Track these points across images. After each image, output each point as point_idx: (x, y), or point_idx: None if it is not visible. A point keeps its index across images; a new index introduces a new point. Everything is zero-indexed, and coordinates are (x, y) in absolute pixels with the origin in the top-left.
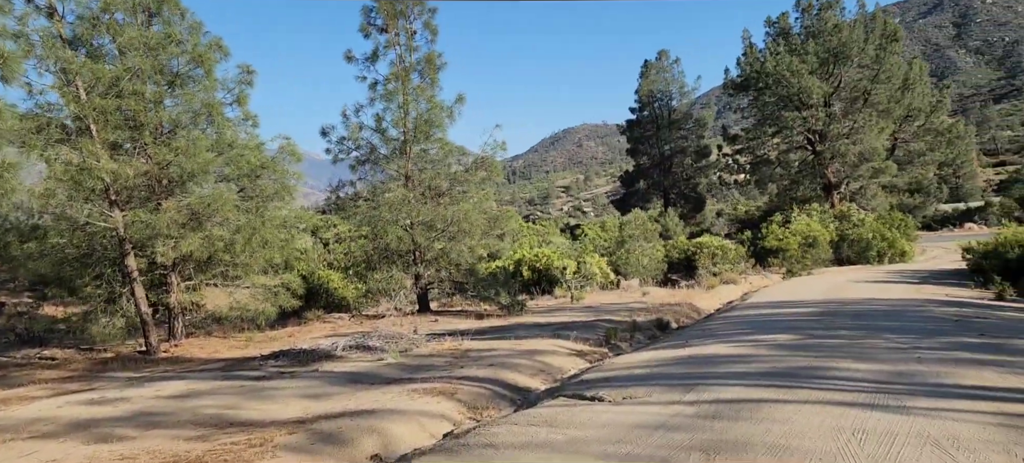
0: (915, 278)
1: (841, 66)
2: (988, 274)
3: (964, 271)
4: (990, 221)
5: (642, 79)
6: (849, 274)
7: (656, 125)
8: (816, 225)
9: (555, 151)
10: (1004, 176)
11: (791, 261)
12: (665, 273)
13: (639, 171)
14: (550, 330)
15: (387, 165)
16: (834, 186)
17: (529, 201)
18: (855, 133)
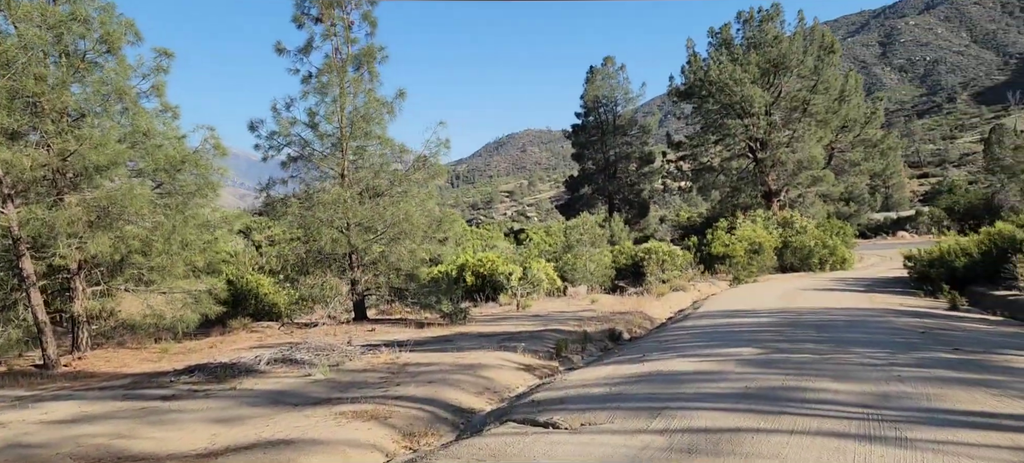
0: (860, 286)
1: (781, 76)
2: (936, 283)
3: (906, 279)
4: (920, 230)
5: (587, 84)
6: (795, 281)
7: (601, 130)
8: (761, 231)
9: (499, 156)
10: (927, 187)
11: (738, 268)
12: (613, 280)
13: (584, 176)
14: (496, 341)
15: (322, 163)
16: (774, 193)
17: (473, 205)
18: (795, 142)
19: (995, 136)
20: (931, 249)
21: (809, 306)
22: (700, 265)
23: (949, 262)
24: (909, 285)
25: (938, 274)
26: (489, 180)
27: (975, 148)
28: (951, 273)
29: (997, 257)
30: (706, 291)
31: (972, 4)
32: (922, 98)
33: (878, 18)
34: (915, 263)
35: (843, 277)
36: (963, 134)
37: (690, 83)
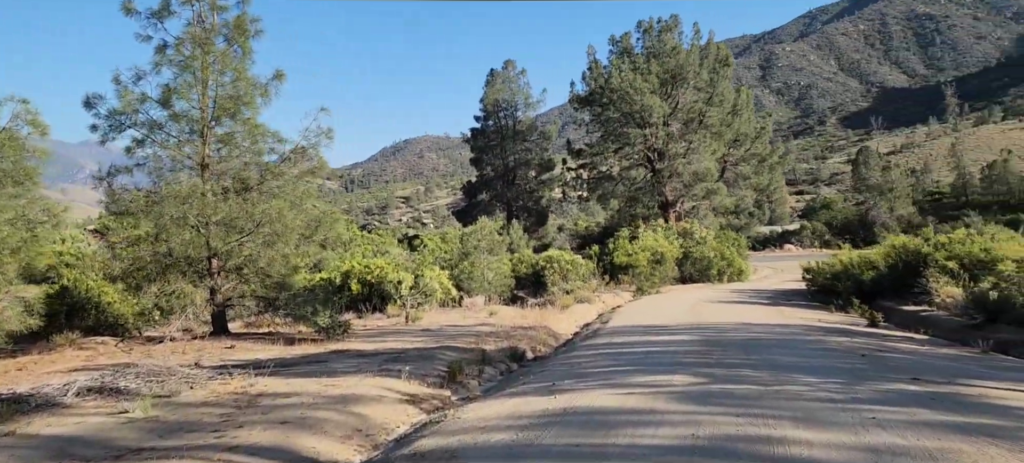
0: (764, 298)
1: (679, 88)
2: (845, 296)
3: (805, 291)
4: (804, 243)
5: (487, 87)
6: (698, 293)
7: (501, 135)
8: (663, 242)
9: (396, 161)
10: (803, 204)
11: (641, 278)
12: (512, 290)
13: (482, 182)
14: (378, 362)
15: (177, 149)
16: (671, 204)
17: (367, 211)
18: (691, 153)
19: (862, 157)
20: (832, 261)
21: (725, 321)
22: (603, 275)
23: (856, 275)
24: (810, 298)
25: (846, 287)
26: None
27: (843, 168)
28: (858, 286)
29: (903, 271)
30: (611, 302)
31: (840, 35)
32: (797, 120)
33: (759, 43)
34: (815, 275)
35: (743, 289)
36: (833, 155)
37: (591, 90)
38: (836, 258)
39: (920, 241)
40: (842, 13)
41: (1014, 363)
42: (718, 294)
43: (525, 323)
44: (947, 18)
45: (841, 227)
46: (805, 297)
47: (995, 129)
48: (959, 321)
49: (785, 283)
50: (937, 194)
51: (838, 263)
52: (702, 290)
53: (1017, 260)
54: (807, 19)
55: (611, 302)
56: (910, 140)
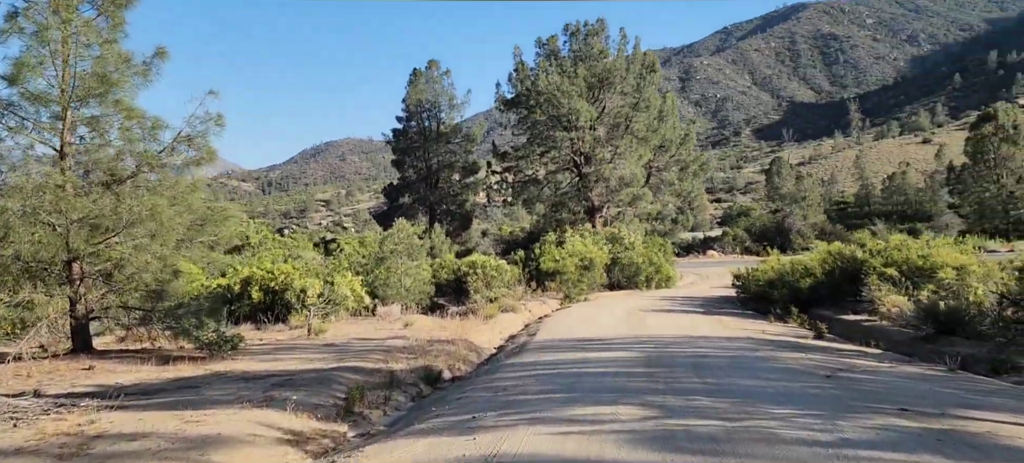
0: (697, 306)
1: (606, 92)
2: (783, 305)
3: (735, 298)
4: (726, 249)
5: (410, 87)
6: (629, 300)
7: (424, 137)
8: (591, 247)
9: (316, 164)
10: (721, 211)
11: (569, 285)
12: (432, 297)
13: (404, 184)
14: (263, 387)
15: (31, 133)
16: (597, 209)
17: (285, 214)
18: (618, 158)
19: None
20: (764, 268)
21: (664, 333)
22: (530, 282)
23: (792, 283)
24: (743, 306)
25: (782, 295)
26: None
27: (758, 178)
28: (794, 295)
29: (840, 278)
30: (538, 311)
31: (753, 51)
32: (714, 131)
33: (678, 55)
34: (746, 283)
35: (673, 296)
36: (747, 165)
37: (518, 92)
38: (767, 264)
39: (855, 247)
40: (755, 30)
41: (995, 385)
42: (650, 302)
43: (444, 335)
44: (849, 39)
45: (759, 234)
46: (737, 305)
47: (893, 143)
48: (908, 333)
49: (714, 289)
50: (843, 203)
51: (771, 270)
52: (632, 297)
53: (957, 267)
54: (723, 35)
55: (538, 311)
56: (818, 152)
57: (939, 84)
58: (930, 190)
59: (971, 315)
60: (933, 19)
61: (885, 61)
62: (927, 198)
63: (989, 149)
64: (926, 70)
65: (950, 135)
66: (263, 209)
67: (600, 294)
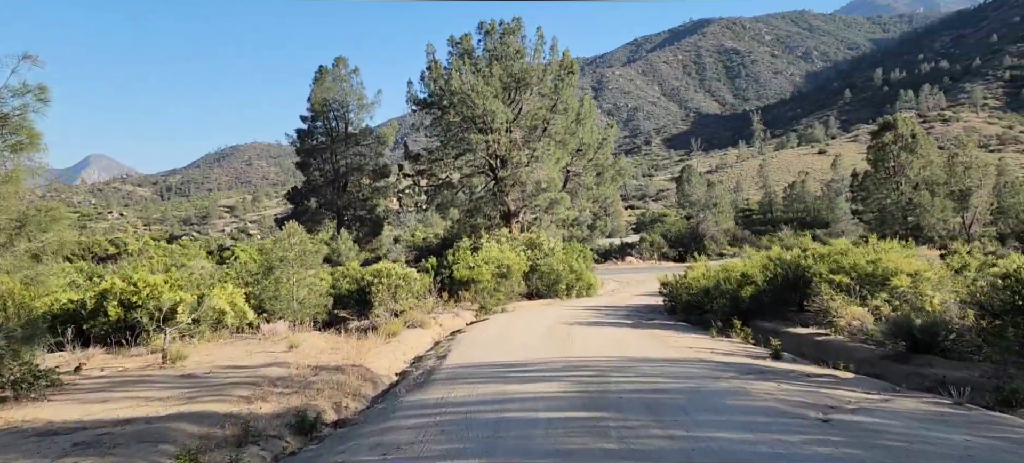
0: (624, 317)
1: (523, 93)
2: (722, 317)
3: (661, 307)
4: (644, 255)
5: (316, 85)
6: (550, 311)
7: (331, 138)
8: (509, 253)
9: (220, 169)
10: (634, 218)
11: (484, 295)
12: (331, 310)
13: (310, 188)
14: (55, 454)
15: None
16: (513, 214)
17: (184, 221)
18: (534, 161)
19: (685, 175)
20: (696, 275)
21: (599, 355)
22: (442, 292)
23: (732, 292)
24: (671, 315)
25: (721, 306)
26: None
27: (668, 185)
28: (734, 305)
29: (782, 286)
30: (450, 325)
31: (662, 63)
32: (626, 139)
33: (591, 65)
34: (675, 291)
35: (597, 305)
36: (658, 173)
37: (431, 92)
38: (696, 271)
39: (797, 253)
40: (664, 43)
41: None
42: (573, 312)
43: (334, 360)
44: (750, 54)
45: (675, 239)
46: (666, 314)
47: (793, 153)
48: (870, 350)
49: (638, 297)
50: (748, 211)
51: (702, 277)
52: (554, 307)
53: (911, 274)
54: (633, 47)
55: (450, 324)
56: (724, 161)
57: (831, 99)
58: (827, 198)
59: (951, 330)
60: (824, 38)
61: (783, 76)
62: (824, 206)
63: (889, 157)
64: (819, 85)
65: (843, 146)
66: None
67: (518, 304)
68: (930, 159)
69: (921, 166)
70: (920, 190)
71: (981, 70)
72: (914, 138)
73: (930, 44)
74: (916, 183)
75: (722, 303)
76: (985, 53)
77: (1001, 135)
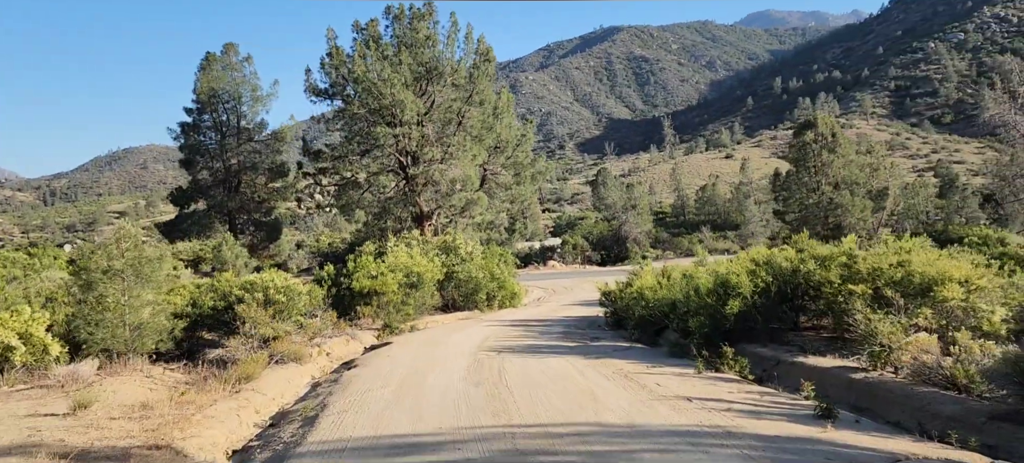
0: (560, 334)
1: (435, 84)
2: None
3: (601, 320)
4: (567, 259)
5: (202, 73)
6: (471, 330)
7: (220, 133)
8: (420, 259)
9: (112, 172)
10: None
11: (390, 309)
12: (183, 337)
13: (197, 188)
14: None
15: None
16: (426, 216)
17: (68, 227)
18: (449, 159)
19: (601, 178)
20: (648, 284)
21: (556, 423)
22: (339, 305)
23: (711, 307)
24: (615, 330)
25: (698, 325)
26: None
27: (583, 189)
28: (715, 323)
29: (777, 298)
30: (342, 353)
31: (574, 69)
32: (540, 144)
33: (504, 70)
34: (624, 303)
35: (525, 319)
36: (572, 177)
37: (332, 80)
38: (645, 280)
39: (792, 255)
40: (575, 49)
41: None
42: (499, 331)
43: (126, 437)
44: (658, 61)
45: (596, 242)
46: (609, 329)
47: (702, 157)
48: (959, 402)
49: (569, 307)
50: (661, 213)
51: (661, 286)
52: (474, 324)
53: (962, 282)
54: (546, 52)
55: (342, 352)
56: (636, 165)
57: (735, 106)
58: (737, 200)
59: None
60: (726, 48)
61: (689, 84)
62: (734, 208)
63: (810, 156)
64: (723, 93)
65: (748, 151)
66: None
67: (431, 319)
68: (849, 158)
69: (841, 165)
70: (841, 190)
71: (869, 80)
72: (834, 137)
73: (822, 55)
74: (836, 182)
75: (699, 322)
76: (872, 64)
77: (889, 141)
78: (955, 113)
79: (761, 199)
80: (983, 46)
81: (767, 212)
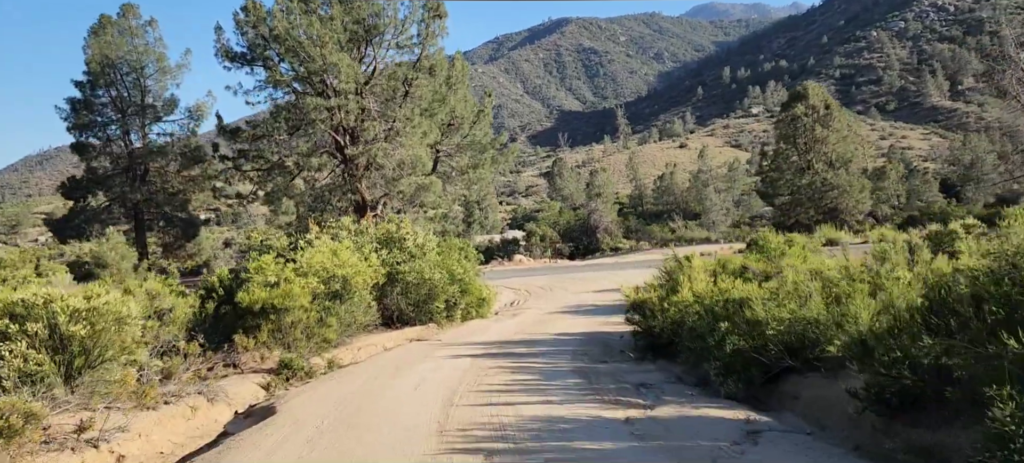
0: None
1: (376, 47)
2: None
3: (613, 339)
4: (535, 252)
5: (93, 38)
6: (423, 366)
7: (121, 112)
8: (347, 255)
9: (44, 172)
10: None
11: (296, 334)
12: None
13: (94, 178)
14: None
15: None
16: (369, 207)
17: None
18: (394, 137)
19: (557, 168)
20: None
21: None
22: (218, 330)
23: (865, 338)
24: (651, 359)
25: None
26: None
27: (537, 181)
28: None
29: None
30: (182, 434)
31: (524, 62)
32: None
33: None
34: (651, 320)
35: (506, 341)
36: (525, 169)
37: (250, 42)
38: (699, 284)
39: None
40: (524, 42)
41: None
42: (473, 368)
43: None
44: (607, 53)
45: (564, 233)
46: (642, 360)
47: (656, 147)
48: None
49: (556, 318)
50: (619, 203)
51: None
52: (431, 352)
53: None
54: (495, 44)
55: (184, 431)
56: (590, 156)
57: (685, 96)
58: (695, 189)
59: None
60: (673, 40)
61: (638, 76)
62: (693, 197)
63: (801, 132)
64: (671, 84)
65: (703, 139)
66: None
67: (366, 342)
68: (844, 134)
69: (836, 141)
70: (837, 169)
71: (814, 69)
72: (828, 109)
73: (768, 45)
74: (830, 160)
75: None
76: (817, 53)
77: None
78: (899, 100)
79: (721, 187)
80: (923, 34)
81: (727, 200)
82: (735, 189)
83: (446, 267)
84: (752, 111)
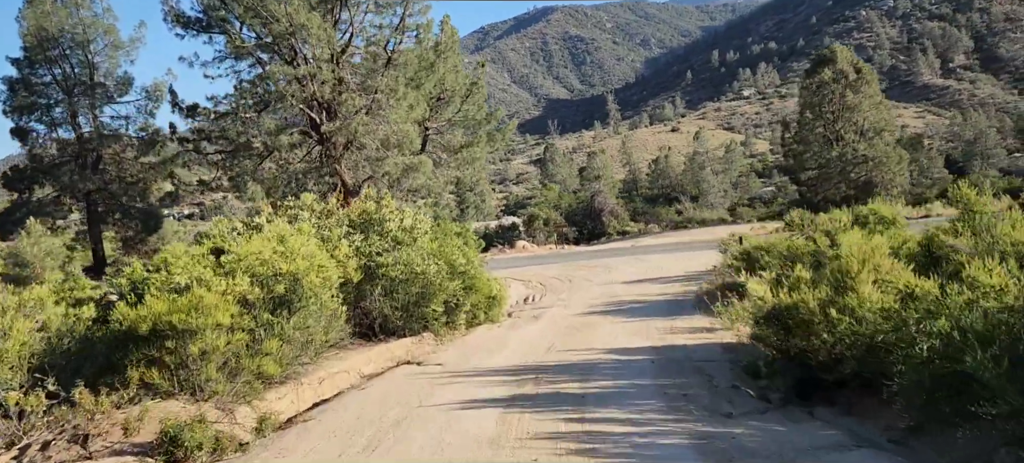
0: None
1: (353, 9)
2: None
3: (698, 356)
4: (538, 237)
5: (27, 8)
6: (421, 436)
7: (66, 92)
8: (300, 242)
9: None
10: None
11: (209, 374)
12: None
13: (39, 167)
14: None
15: None
16: (350, 192)
17: None
18: (376, 110)
19: (548, 154)
20: None
21: None
22: (55, 387)
23: None
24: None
25: None
26: None
27: (527, 168)
28: None
29: None
30: None
31: (510, 51)
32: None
33: None
34: (843, 331)
35: (539, 364)
36: (515, 157)
37: (206, 3)
38: None
39: None
40: (510, 31)
41: None
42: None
43: None
44: (594, 41)
45: (568, 216)
46: (764, 396)
47: (647, 132)
48: None
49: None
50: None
51: None
52: (431, 399)
53: None
54: (481, 34)
55: None
56: (581, 142)
57: (674, 81)
58: (691, 171)
59: None
60: (660, 26)
61: (625, 62)
62: (689, 179)
63: (828, 99)
64: (659, 70)
65: (694, 123)
66: None
67: (330, 373)
68: (878, 100)
69: (868, 108)
70: (871, 138)
71: (805, 50)
72: (859, 74)
73: (756, 28)
74: (862, 129)
75: None
76: (807, 34)
77: None
78: (890, 80)
79: (718, 169)
80: (912, 13)
81: (725, 182)
82: (733, 171)
83: (444, 256)
84: (743, 93)
